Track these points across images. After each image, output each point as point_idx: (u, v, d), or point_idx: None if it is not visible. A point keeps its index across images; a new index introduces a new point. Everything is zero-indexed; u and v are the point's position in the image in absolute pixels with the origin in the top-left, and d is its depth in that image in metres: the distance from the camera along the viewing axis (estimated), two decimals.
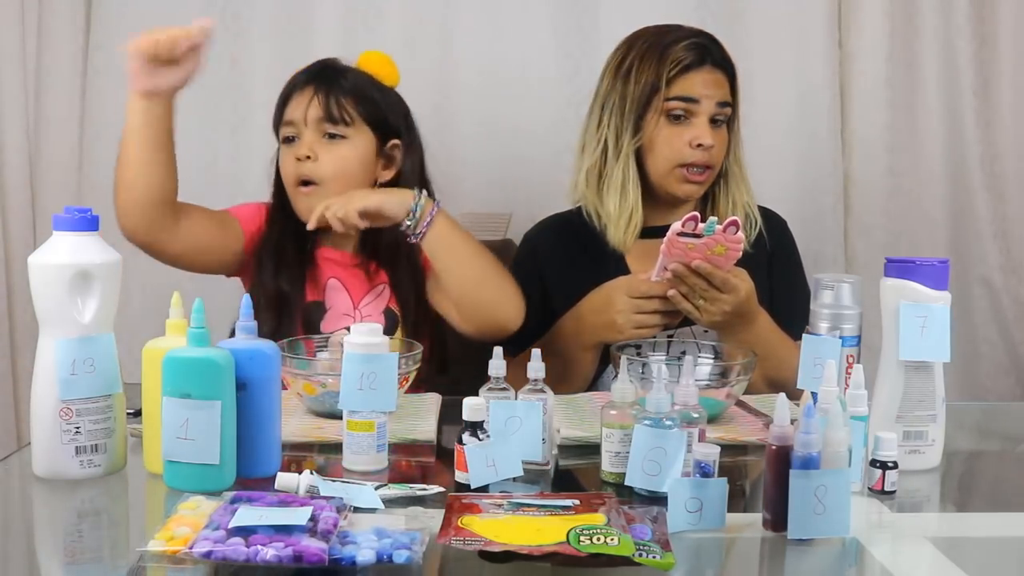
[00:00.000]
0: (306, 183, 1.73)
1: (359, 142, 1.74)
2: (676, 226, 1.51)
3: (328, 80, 1.75)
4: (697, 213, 1.51)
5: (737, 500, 1.15)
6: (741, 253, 1.54)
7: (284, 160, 1.77)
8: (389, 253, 1.77)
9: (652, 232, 1.78)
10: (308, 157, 1.72)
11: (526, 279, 1.75)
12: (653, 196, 1.79)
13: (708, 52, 1.77)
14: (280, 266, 1.73)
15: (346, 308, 1.75)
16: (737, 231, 1.51)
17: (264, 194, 2.47)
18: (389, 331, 1.77)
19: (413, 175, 1.79)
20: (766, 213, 1.87)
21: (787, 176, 2.40)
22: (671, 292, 1.59)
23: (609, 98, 1.78)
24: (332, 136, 1.73)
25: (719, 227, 1.50)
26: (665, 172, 1.76)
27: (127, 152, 1.61)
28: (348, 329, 1.69)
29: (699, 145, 1.73)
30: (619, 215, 1.75)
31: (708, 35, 1.81)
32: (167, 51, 1.53)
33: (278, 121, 1.79)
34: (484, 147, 2.32)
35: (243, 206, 1.82)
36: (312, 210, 1.66)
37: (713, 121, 1.75)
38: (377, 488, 1.14)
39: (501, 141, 2.31)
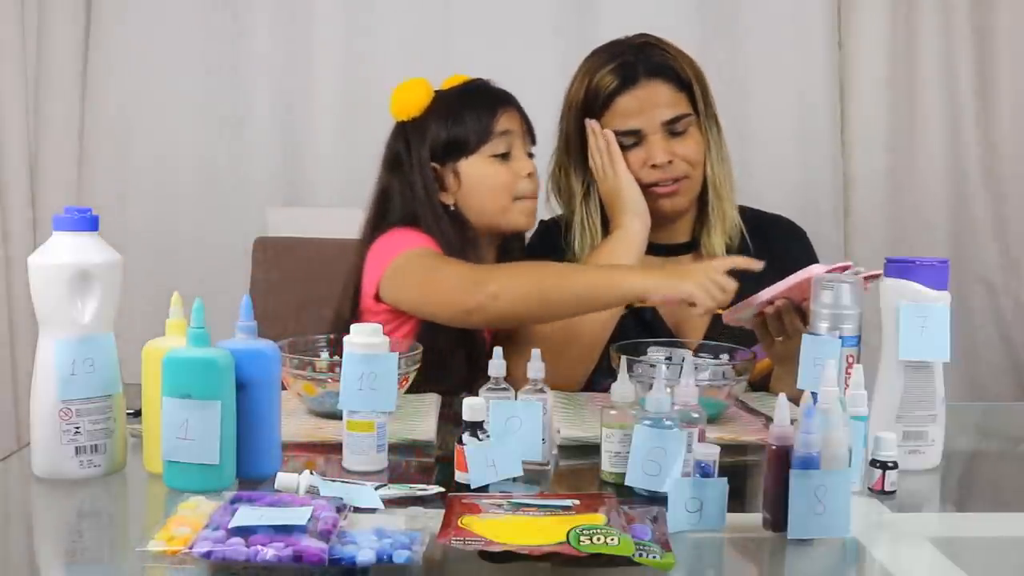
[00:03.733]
0: (520, 198, 1.75)
1: None
2: (818, 270, 1.37)
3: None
4: (851, 263, 1.37)
5: (737, 500, 1.15)
6: None
7: (499, 174, 1.73)
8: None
9: (657, 249, 1.77)
10: (531, 174, 1.76)
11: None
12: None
13: (636, 66, 1.70)
14: None
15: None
16: (875, 281, 1.37)
17: (266, 195, 2.48)
18: None
19: None
20: (778, 220, 1.84)
21: (787, 177, 2.41)
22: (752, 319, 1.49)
23: (561, 140, 1.80)
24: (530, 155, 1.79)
25: (859, 278, 1.35)
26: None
27: (579, 305, 1.54)
28: None
29: (654, 166, 1.69)
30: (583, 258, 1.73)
31: (642, 43, 1.75)
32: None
33: (485, 135, 1.74)
34: None
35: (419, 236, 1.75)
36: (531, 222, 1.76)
37: (672, 133, 1.70)
38: (377, 488, 1.14)
39: None
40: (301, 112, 2.47)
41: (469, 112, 1.75)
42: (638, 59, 1.72)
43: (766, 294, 1.45)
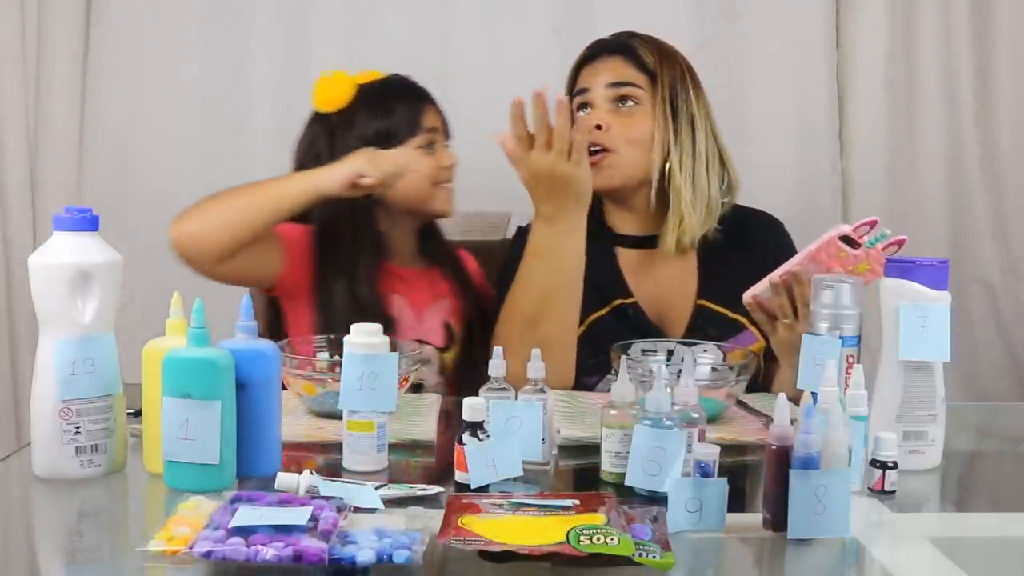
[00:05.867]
0: (439, 184, 1.82)
1: None
2: (845, 228, 1.39)
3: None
4: (877, 219, 1.38)
5: (737, 500, 1.15)
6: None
7: (424, 164, 1.78)
8: (451, 257, 1.88)
9: (622, 240, 1.79)
10: (452, 165, 1.83)
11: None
12: (612, 199, 1.79)
13: (603, 45, 1.81)
14: (355, 281, 1.74)
15: (410, 322, 1.76)
16: (896, 251, 1.37)
17: None
18: (447, 344, 1.77)
19: None
20: (759, 216, 1.84)
21: (787, 177, 2.40)
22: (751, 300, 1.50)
23: None
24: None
25: (882, 243, 1.37)
26: None
27: (263, 200, 1.68)
28: (420, 342, 1.68)
29: (590, 128, 1.72)
30: None
31: (622, 32, 1.83)
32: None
33: (414, 128, 1.79)
34: (484, 147, 2.31)
35: (291, 226, 1.77)
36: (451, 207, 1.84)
37: (620, 99, 1.75)
38: (377, 488, 1.14)
39: None
40: (301, 112, 2.46)
41: (399, 105, 1.80)
42: (611, 39, 1.82)
43: (786, 266, 1.45)
